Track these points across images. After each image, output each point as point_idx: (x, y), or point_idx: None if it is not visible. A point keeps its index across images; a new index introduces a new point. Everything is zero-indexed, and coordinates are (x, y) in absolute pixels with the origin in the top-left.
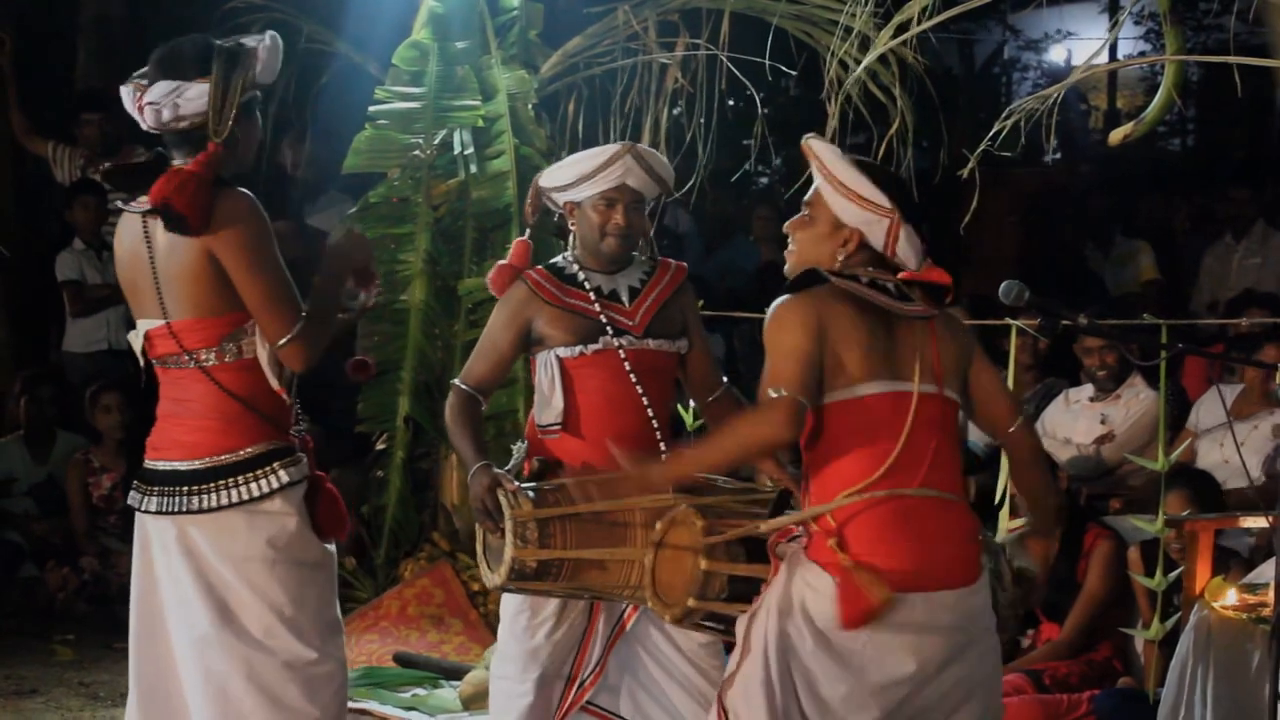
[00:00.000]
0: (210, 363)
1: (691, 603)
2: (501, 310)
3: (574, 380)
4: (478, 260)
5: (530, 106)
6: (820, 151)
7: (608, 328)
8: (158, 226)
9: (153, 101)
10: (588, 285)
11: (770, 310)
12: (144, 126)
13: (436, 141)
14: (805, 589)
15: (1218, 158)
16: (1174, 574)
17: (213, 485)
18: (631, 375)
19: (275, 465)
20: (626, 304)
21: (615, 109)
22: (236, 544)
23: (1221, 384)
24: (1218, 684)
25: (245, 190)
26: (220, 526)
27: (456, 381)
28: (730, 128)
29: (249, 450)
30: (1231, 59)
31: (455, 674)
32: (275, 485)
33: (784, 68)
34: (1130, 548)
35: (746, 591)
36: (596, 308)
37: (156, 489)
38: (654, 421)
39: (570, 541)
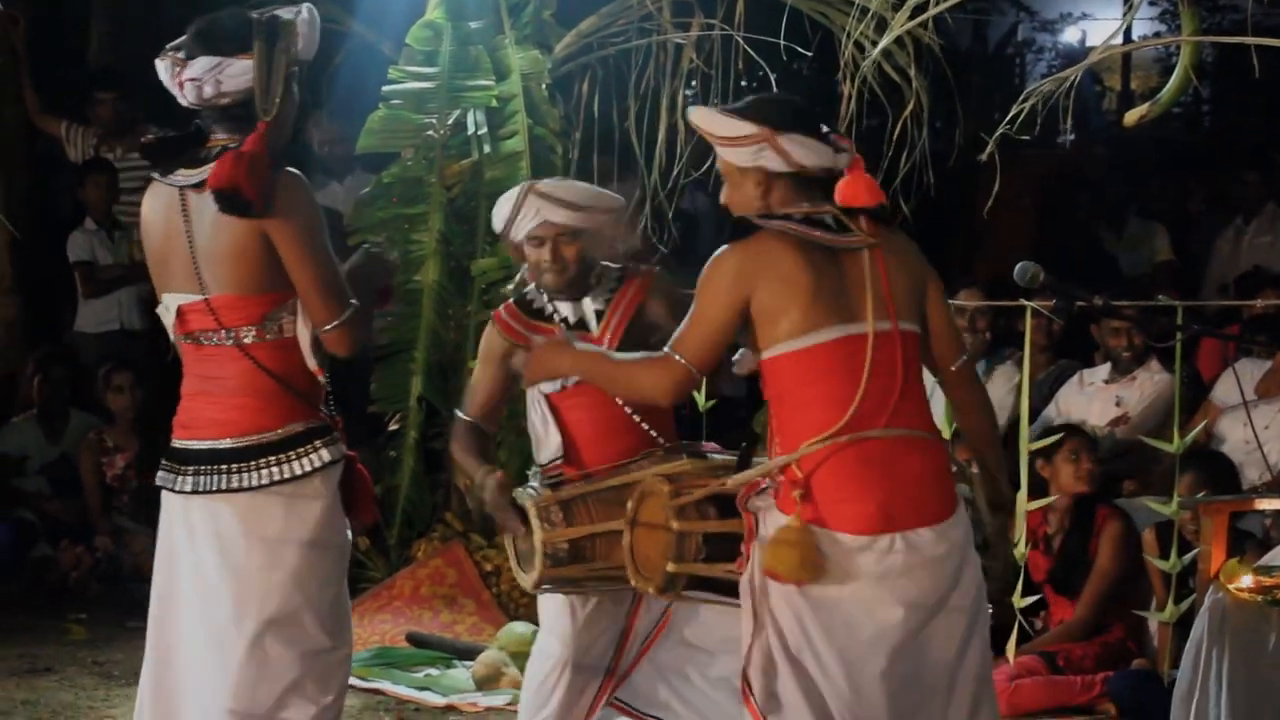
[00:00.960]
0: (250, 340)
1: (670, 567)
2: (481, 351)
3: (563, 414)
4: (491, 240)
5: (544, 87)
6: (696, 118)
7: None
8: (200, 201)
9: (194, 78)
10: (556, 318)
11: (709, 261)
12: (183, 102)
13: (450, 122)
14: None
15: (1233, 140)
16: (1188, 556)
17: (254, 463)
18: (618, 400)
19: (317, 444)
20: (595, 329)
21: (630, 89)
22: (272, 526)
23: (1246, 361)
24: (1233, 666)
25: (297, 171)
26: (257, 506)
27: (458, 411)
28: None
29: (289, 428)
30: (1248, 40)
31: (468, 654)
32: (317, 464)
33: (799, 48)
34: (1145, 530)
35: (724, 551)
36: None
37: (191, 468)
38: (651, 432)
39: (595, 516)
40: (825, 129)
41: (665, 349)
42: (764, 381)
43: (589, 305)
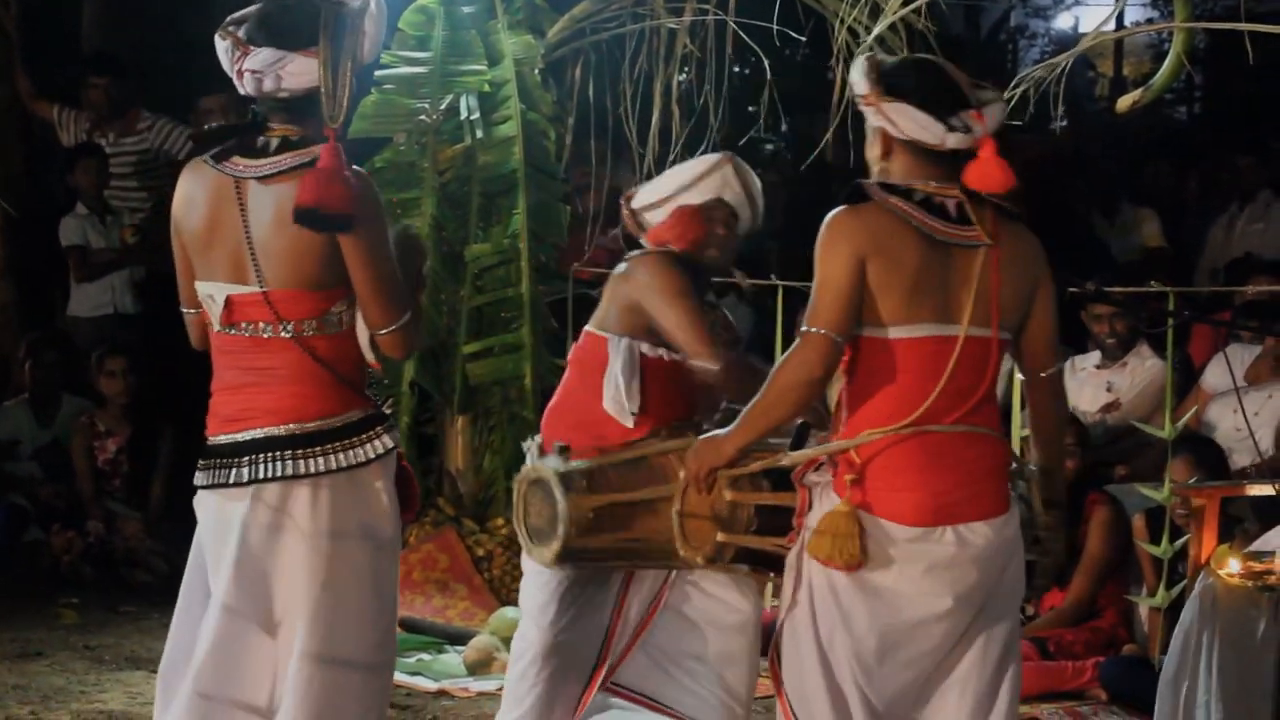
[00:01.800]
0: (310, 333)
1: (721, 537)
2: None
3: (649, 375)
4: (484, 226)
5: (537, 71)
6: (854, 70)
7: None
8: (261, 193)
9: (255, 70)
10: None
11: (823, 225)
12: (241, 91)
13: (443, 107)
14: None
15: (1226, 126)
16: (1179, 541)
17: (317, 449)
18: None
19: (378, 429)
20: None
21: (625, 75)
22: (337, 515)
23: (1235, 347)
24: (1223, 652)
25: (364, 172)
26: (319, 494)
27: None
28: (737, 94)
29: (350, 415)
30: (1241, 25)
31: (460, 639)
32: (380, 450)
33: (793, 33)
34: (1135, 516)
35: (775, 524)
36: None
37: (246, 459)
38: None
39: (619, 485)
40: (962, 105)
41: (801, 329)
42: (845, 360)
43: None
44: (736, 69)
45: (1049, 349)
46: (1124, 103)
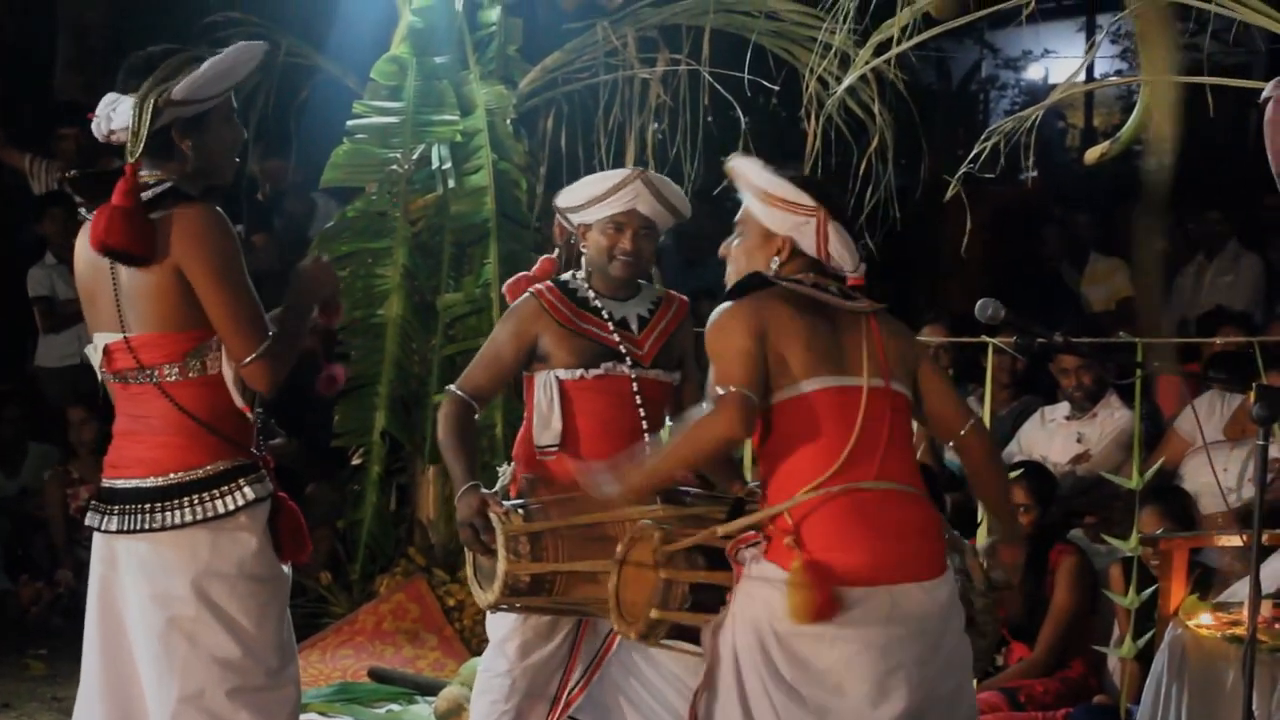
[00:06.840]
0: (172, 379)
1: (654, 614)
2: (509, 321)
3: (574, 402)
4: (455, 275)
5: (509, 122)
6: (742, 168)
7: (625, 354)
8: None
9: (96, 115)
10: (604, 311)
11: (711, 318)
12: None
13: (415, 156)
14: (770, 591)
15: (1195, 178)
16: (1146, 591)
17: (177, 502)
18: (637, 398)
19: (240, 482)
20: (636, 333)
21: (598, 125)
22: (198, 562)
23: (1206, 398)
24: (1192, 703)
25: (208, 205)
26: (183, 544)
27: (453, 388)
28: (710, 144)
29: (213, 466)
30: (1206, 80)
31: (430, 689)
32: (241, 502)
33: (765, 82)
34: (1112, 565)
35: (710, 601)
36: (615, 336)
37: (118, 507)
38: (648, 437)
39: (562, 554)
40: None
41: (717, 391)
42: (759, 433)
43: (633, 309)
44: (707, 119)
45: (957, 407)
46: (1092, 154)
